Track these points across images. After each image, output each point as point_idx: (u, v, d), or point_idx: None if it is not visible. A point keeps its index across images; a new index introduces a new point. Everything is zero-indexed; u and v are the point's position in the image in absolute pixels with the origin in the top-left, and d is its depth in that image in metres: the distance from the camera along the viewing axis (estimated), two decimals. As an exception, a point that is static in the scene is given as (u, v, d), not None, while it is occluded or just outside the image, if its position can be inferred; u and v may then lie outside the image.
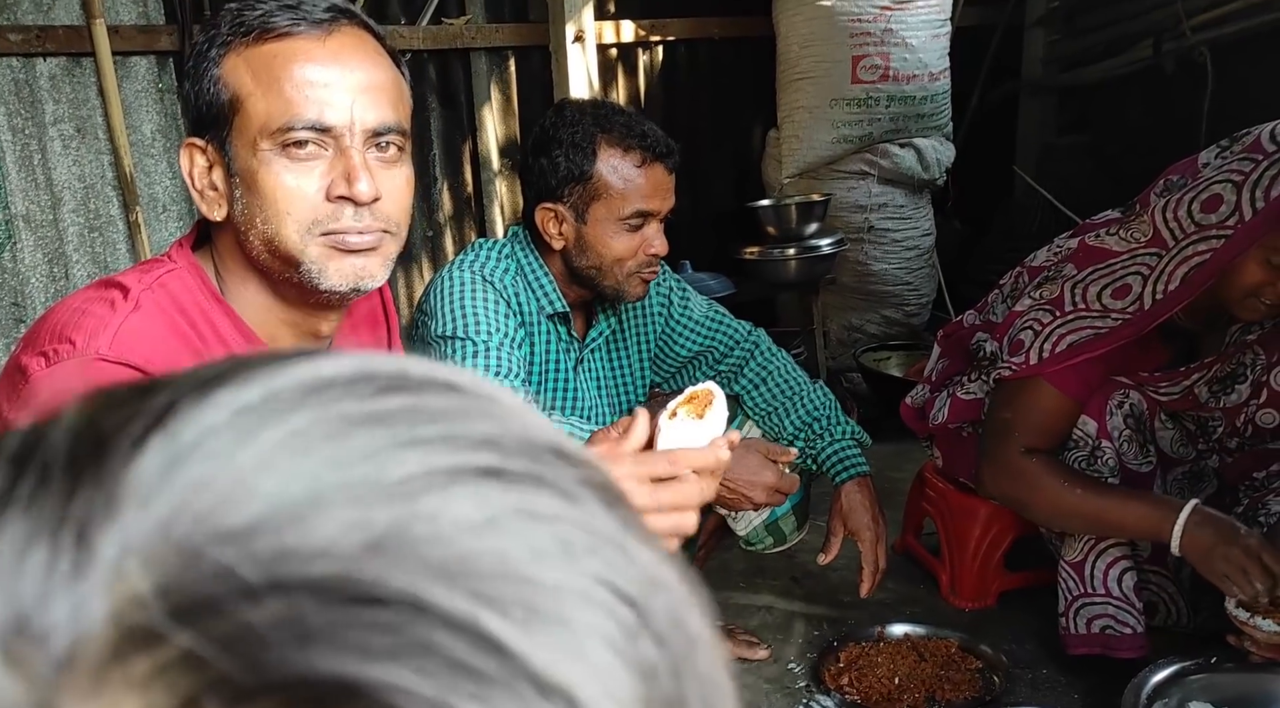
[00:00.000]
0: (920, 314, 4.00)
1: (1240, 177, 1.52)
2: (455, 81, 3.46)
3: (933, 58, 3.71)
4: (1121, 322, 1.64)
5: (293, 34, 0.96)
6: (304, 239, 0.96)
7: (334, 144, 0.96)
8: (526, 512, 0.23)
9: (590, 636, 0.21)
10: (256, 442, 0.22)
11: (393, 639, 0.19)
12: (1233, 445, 1.81)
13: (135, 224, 2.81)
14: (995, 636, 1.97)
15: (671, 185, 1.64)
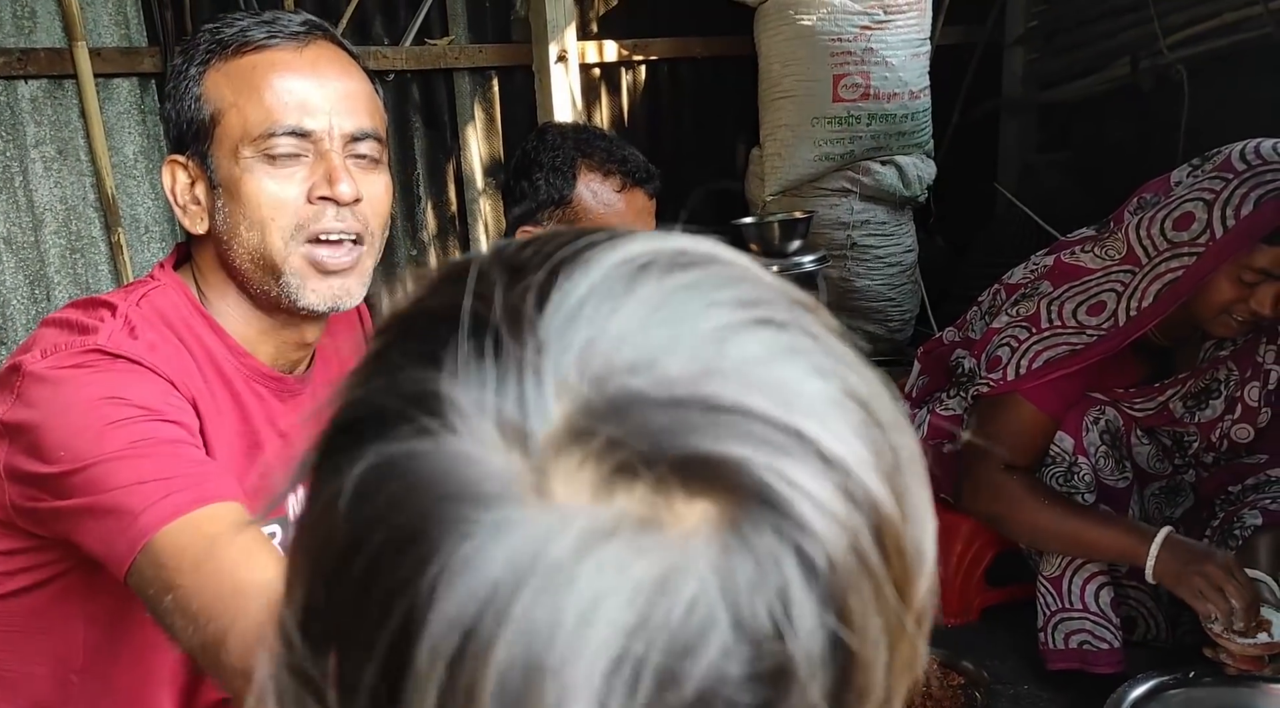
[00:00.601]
0: (904, 330, 4.02)
1: (1211, 195, 1.55)
2: (439, 102, 3.48)
3: (913, 76, 3.74)
4: (1096, 338, 1.66)
5: (270, 46, 0.99)
6: (287, 246, 0.98)
7: (314, 149, 0.99)
8: (791, 348, 0.35)
9: (843, 424, 0.34)
10: (620, 307, 0.34)
11: (735, 429, 0.32)
12: (1209, 460, 1.82)
13: (117, 245, 2.81)
14: (977, 651, 1.97)
15: (652, 210, 1.64)
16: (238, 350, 1.04)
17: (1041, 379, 1.69)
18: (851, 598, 0.32)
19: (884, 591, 0.34)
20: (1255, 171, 1.52)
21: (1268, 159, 1.53)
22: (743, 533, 0.31)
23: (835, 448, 0.33)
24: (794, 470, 0.32)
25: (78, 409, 0.88)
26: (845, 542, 0.32)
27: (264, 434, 1.05)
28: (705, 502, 0.31)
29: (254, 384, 1.05)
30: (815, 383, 0.35)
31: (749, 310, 0.36)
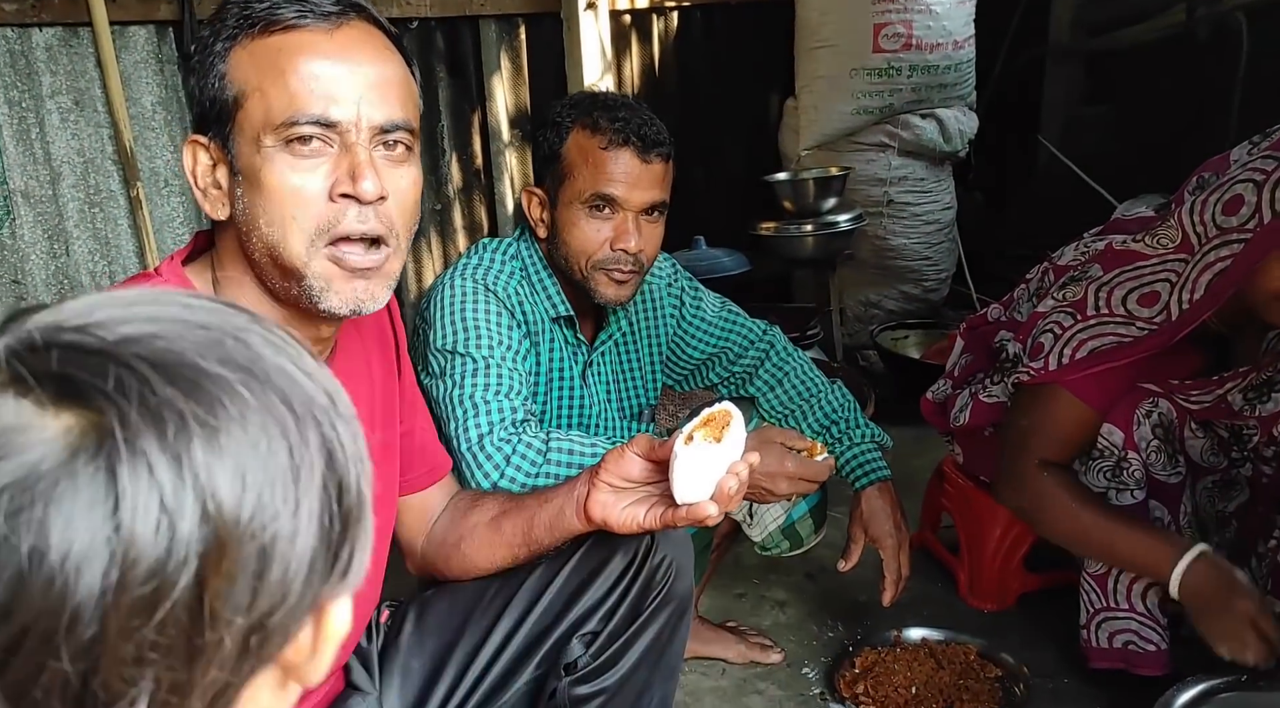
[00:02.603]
0: (940, 289, 3.92)
1: (1262, 176, 1.45)
2: (464, 50, 3.36)
3: (957, 24, 3.58)
4: (1148, 332, 1.57)
5: (299, 26, 0.92)
6: (309, 251, 0.93)
7: (339, 141, 0.93)
8: (190, 322, 0.48)
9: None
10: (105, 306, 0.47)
11: (108, 371, 0.43)
12: (1269, 454, 1.73)
13: (137, 199, 2.74)
14: (1015, 640, 1.92)
15: (648, 177, 1.53)
16: None
17: (1084, 372, 1.60)
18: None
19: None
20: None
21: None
22: (89, 445, 0.41)
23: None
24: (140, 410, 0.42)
25: None
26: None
27: None
28: (68, 415, 0.42)
29: None
30: (212, 360, 0.46)
31: (190, 312, 0.48)
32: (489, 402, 1.42)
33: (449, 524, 1.25)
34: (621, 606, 1.13)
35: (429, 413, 1.30)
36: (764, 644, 1.98)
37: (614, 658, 1.12)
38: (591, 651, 1.12)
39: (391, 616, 1.25)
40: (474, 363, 1.45)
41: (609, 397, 1.72)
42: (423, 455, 1.25)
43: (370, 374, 1.14)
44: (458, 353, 1.46)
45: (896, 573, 1.70)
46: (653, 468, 1.05)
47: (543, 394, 1.63)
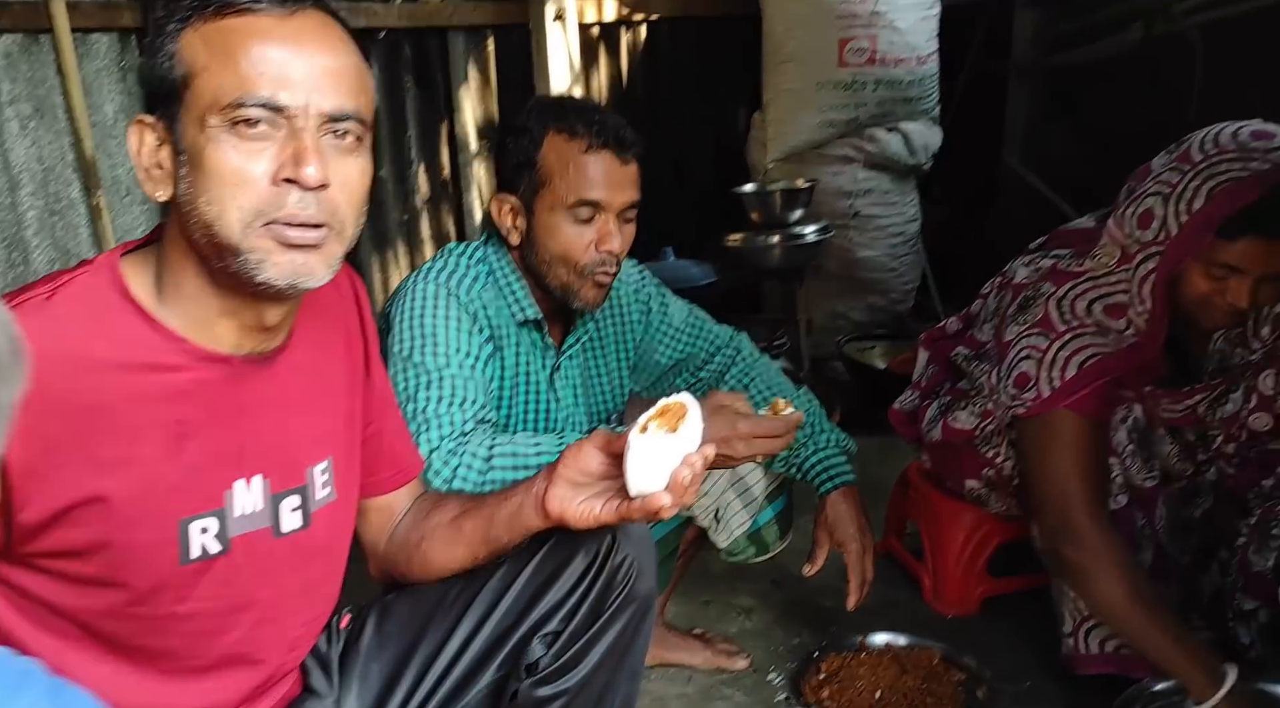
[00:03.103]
0: (905, 301, 3.96)
1: (1169, 188, 1.48)
2: (432, 61, 3.36)
3: (920, 40, 3.63)
4: (1129, 345, 1.59)
5: (254, 10, 0.92)
6: (244, 232, 0.92)
7: (287, 126, 0.92)
8: None
9: None
10: None
11: None
12: (1230, 451, 1.76)
13: (97, 208, 2.71)
14: (979, 644, 1.93)
15: (626, 178, 1.54)
16: (170, 335, 0.96)
17: (1080, 393, 1.61)
18: None
19: None
20: (1210, 162, 1.44)
21: (1225, 148, 1.44)
22: None
23: None
24: None
25: None
26: None
27: (195, 423, 0.97)
28: None
29: (195, 370, 0.97)
30: None
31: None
32: (439, 414, 1.41)
33: (411, 525, 1.24)
34: (583, 606, 1.12)
35: (400, 415, 1.29)
36: (730, 651, 1.98)
37: (575, 659, 1.11)
38: (553, 651, 1.11)
39: (352, 620, 1.24)
40: (427, 374, 1.44)
41: (577, 401, 1.71)
42: (391, 457, 1.24)
43: (333, 372, 1.13)
44: (413, 362, 1.46)
45: (861, 577, 1.71)
46: (611, 462, 1.05)
47: (508, 399, 1.63)
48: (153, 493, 0.95)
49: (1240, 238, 1.43)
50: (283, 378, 1.05)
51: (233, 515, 1.01)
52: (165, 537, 0.96)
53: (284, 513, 1.07)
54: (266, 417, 1.04)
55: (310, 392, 1.09)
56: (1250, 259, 1.44)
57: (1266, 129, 1.46)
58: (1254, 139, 1.44)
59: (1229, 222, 1.41)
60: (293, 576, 1.08)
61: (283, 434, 1.06)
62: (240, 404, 1.01)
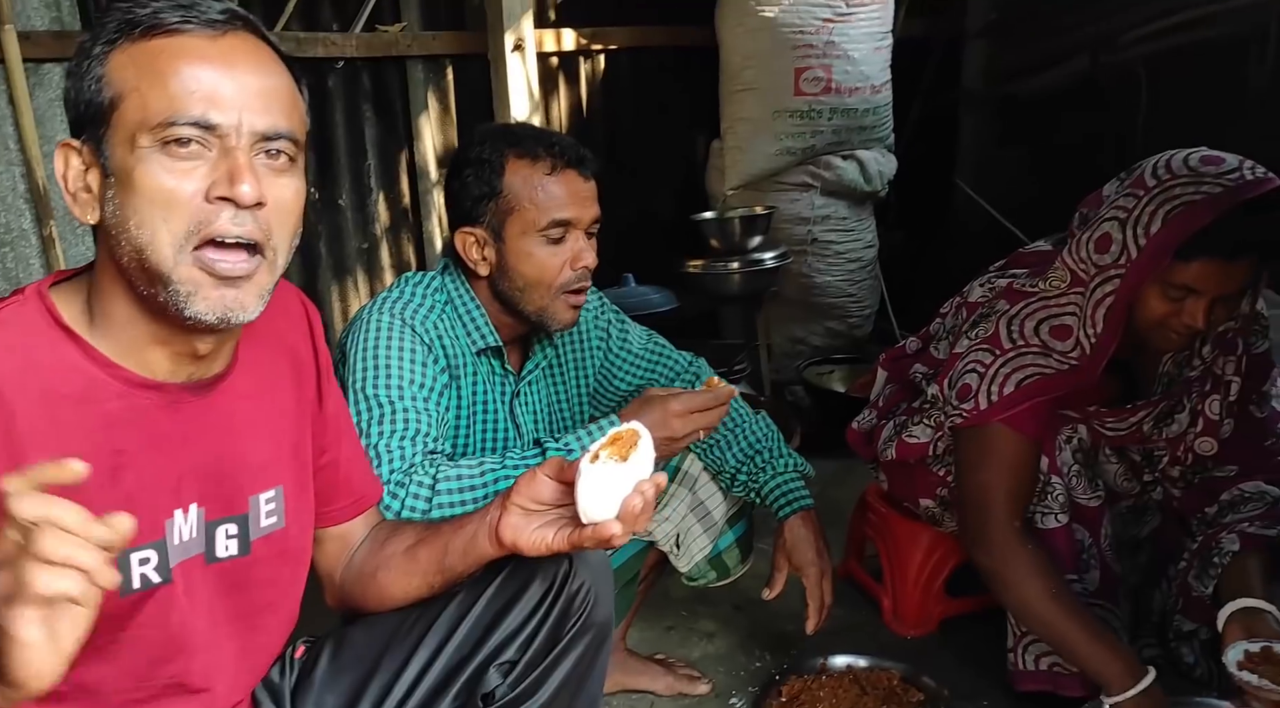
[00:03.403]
0: (864, 326, 4.01)
1: (1125, 213, 1.52)
2: (391, 90, 3.37)
3: (874, 70, 3.70)
4: (1069, 367, 1.62)
5: (183, 31, 0.92)
6: (176, 256, 0.91)
7: (219, 145, 0.92)
8: None
9: None
10: None
11: None
12: (1175, 474, 1.80)
13: (49, 238, 2.68)
14: (938, 664, 1.95)
15: (591, 193, 1.57)
16: (103, 362, 0.95)
17: (1017, 408, 1.65)
18: None
19: None
20: (1164, 186, 1.49)
21: (1177, 173, 1.49)
22: None
23: None
24: None
25: None
26: None
27: (131, 452, 0.96)
28: None
29: (129, 398, 0.96)
30: None
31: None
32: (391, 449, 1.42)
33: (367, 555, 1.23)
34: (540, 633, 1.12)
35: (358, 443, 1.28)
36: (692, 676, 1.98)
37: (533, 687, 1.11)
38: (510, 680, 1.11)
39: (306, 651, 1.22)
40: (380, 408, 1.44)
41: (538, 427, 1.72)
42: (348, 486, 1.23)
43: (279, 399, 1.12)
44: (365, 394, 1.46)
45: (820, 601, 1.72)
46: (564, 489, 1.05)
47: (465, 429, 1.63)
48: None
49: (1196, 259, 1.47)
50: (224, 405, 1.04)
51: (172, 544, 1.00)
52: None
53: (218, 540, 1.05)
54: (206, 444, 1.03)
55: (255, 419, 1.08)
56: (1205, 280, 1.48)
57: (1214, 155, 1.51)
58: (1204, 164, 1.49)
59: (1185, 244, 1.45)
60: (228, 603, 1.07)
61: (223, 462, 1.05)
62: (178, 432, 1.00)
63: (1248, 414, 1.75)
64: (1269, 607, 1.60)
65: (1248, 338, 1.72)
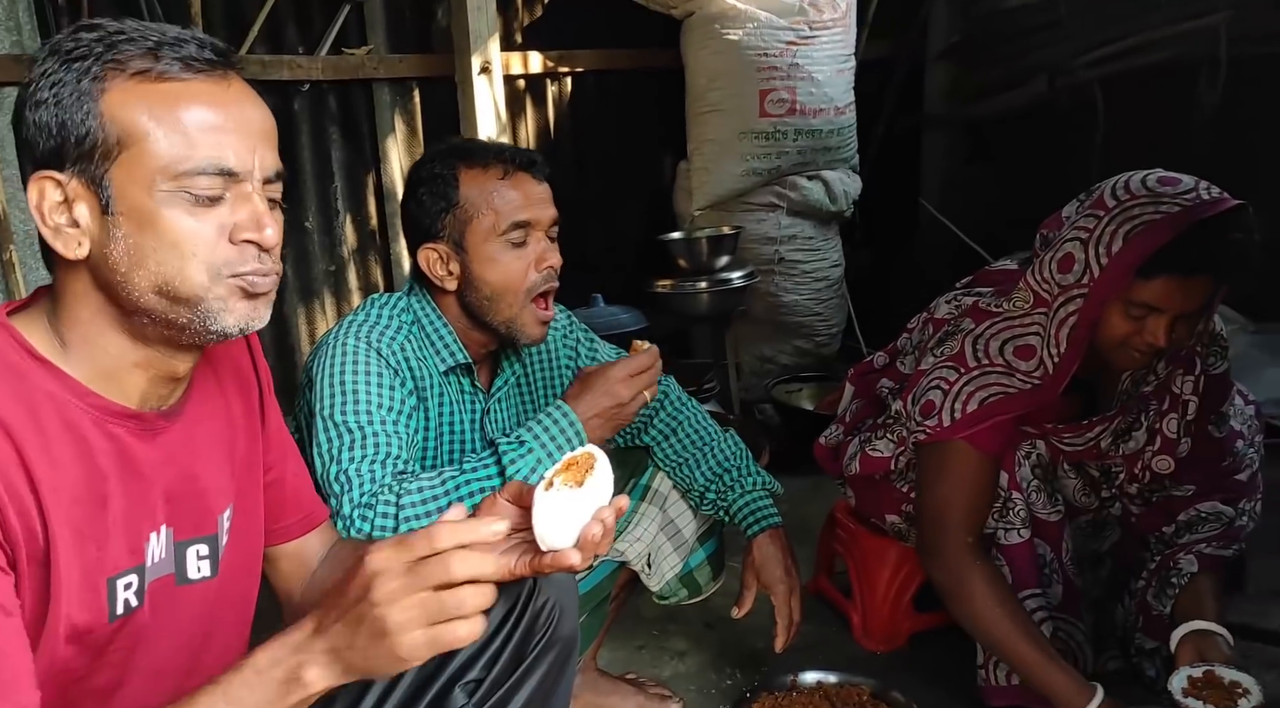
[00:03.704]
0: (831, 344, 4.04)
1: (1086, 234, 1.55)
2: (357, 112, 3.37)
3: (838, 92, 3.76)
4: (1032, 386, 1.64)
5: (193, 77, 0.94)
6: (213, 280, 0.95)
7: (235, 188, 0.96)
8: None
9: None
10: None
11: None
12: (1133, 491, 1.83)
13: (9, 263, 2.65)
14: (907, 679, 1.95)
15: (546, 195, 1.59)
16: (81, 391, 0.95)
17: (979, 426, 1.67)
18: None
19: None
20: (1124, 206, 1.52)
21: (1136, 193, 1.53)
22: None
23: None
24: None
25: None
26: None
27: (114, 481, 0.96)
28: None
29: (106, 425, 0.96)
30: None
31: None
32: (361, 473, 1.42)
33: (328, 575, 1.22)
34: (505, 651, 1.11)
35: (301, 459, 1.28)
36: (663, 695, 1.98)
37: (499, 706, 1.10)
38: (475, 699, 1.10)
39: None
40: (349, 433, 1.44)
41: (508, 445, 1.71)
42: (296, 502, 1.23)
43: (230, 419, 1.13)
44: (334, 421, 1.46)
45: (788, 618, 1.73)
46: (524, 514, 1.04)
47: (433, 449, 1.62)
48: (83, 554, 0.93)
49: (1156, 277, 1.49)
50: (188, 428, 1.06)
51: (148, 567, 1.00)
52: (96, 597, 0.95)
53: (189, 560, 1.06)
54: (177, 467, 1.04)
55: (212, 440, 1.09)
56: (1166, 297, 1.51)
57: (1170, 176, 1.54)
58: (1161, 185, 1.52)
59: (1146, 262, 1.48)
60: (188, 625, 1.06)
61: (192, 483, 1.05)
62: (154, 457, 1.01)
63: (1206, 434, 1.78)
64: (1220, 629, 1.62)
65: (1206, 358, 1.74)
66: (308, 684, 0.87)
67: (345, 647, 0.86)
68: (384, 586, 0.84)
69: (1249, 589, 2.23)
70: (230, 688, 0.87)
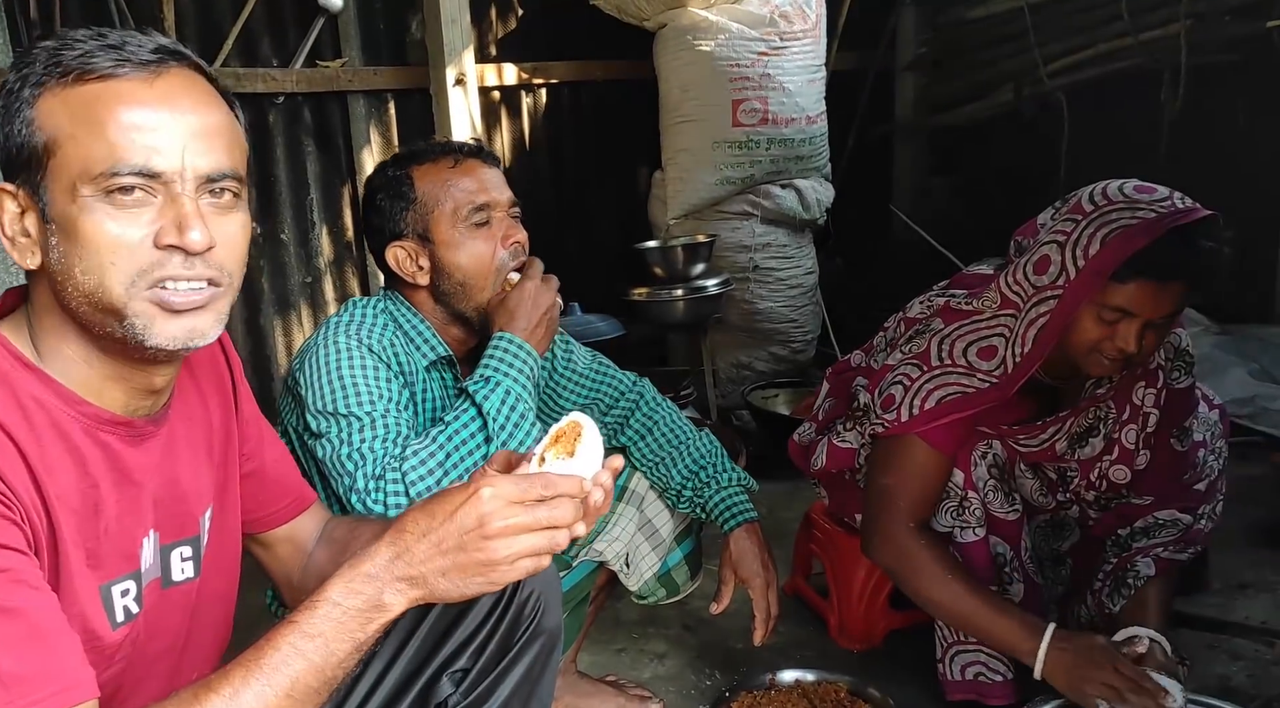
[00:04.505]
0: (806, 350, 4.08)
1: (1064, 237, 1.59)
2: (332, 124, 3.39)
3: (809, 101, 3.81)
4: (989, 385, 1.68)
5: (116, 75, 0.90)
6: (128, 292, 0.91)
7: (164, 191, 0.91)
8: None
9: None
10: None
11: None
12: (1090, 498, 1.86)
13: (-17, 275, 2.63)
14: (883, 676, 1.98)
15: (500, 179, 1.64)
16: (71, 399, 0.94)
17: (936, 423, 1.71)
18: None
19: None
20: (1101, 211, 1.56)
21: (1113, 199, 1.57)
22: None
23: None
24: None
25: None
26: None
27: (105, 487, 0.96)
28: None
29: (96, 433, 0.95)
30: None
31: None
32: (374, 450, 1.44)
33: (327, 559, 1.24)
34: (491, 642, 1.13)
35: (281, 445, 1.29)
36: (643, 697, 1.99)
37: (485, 695, 1.12)
38: (462, 688, 1.12)
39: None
40: (359, 421, 1.46)
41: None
42: (282, 487, 1.24)
43: (208, 415, 1.13)
44: (340, 413, 1.47)
45: (766, 611, 1.75)
46: None
47: None
48: (76, 562, 0.93)
49: (1130, 281, 1.53)
50: (172, 432, 1.06)
51: (143, 573, 1.02)
52: (95, 605, 0.95)
53: (173, 564, 1.06)
54: (163, 472, 1.04)
55: (194, 440, 1.10)
56: (1139, 302, 1.54)
57: (1145, 185, 1.59)
58: (1137, 192, 1.56)
59: (1121, 266, 1.52)
60: (175, 626, 1.07)
61: (176, 487, 1.06)
62: (141, 464, 1.01)
63: (1168, 448, 1.81)
64: (1158, 637, 1.65)
65: (1170, 372, 1.78)
66: (388, 608, 0.92)
67: (437, 573, 0.92)
68: (498, 522, 0.90)
69: (1214, 583, 2.29)
70: (308, 623, 0.91)
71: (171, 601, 1.06)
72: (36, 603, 0.85)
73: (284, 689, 0.88)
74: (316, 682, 0.90)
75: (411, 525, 0.93)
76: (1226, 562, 2.29)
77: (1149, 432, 1.77)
